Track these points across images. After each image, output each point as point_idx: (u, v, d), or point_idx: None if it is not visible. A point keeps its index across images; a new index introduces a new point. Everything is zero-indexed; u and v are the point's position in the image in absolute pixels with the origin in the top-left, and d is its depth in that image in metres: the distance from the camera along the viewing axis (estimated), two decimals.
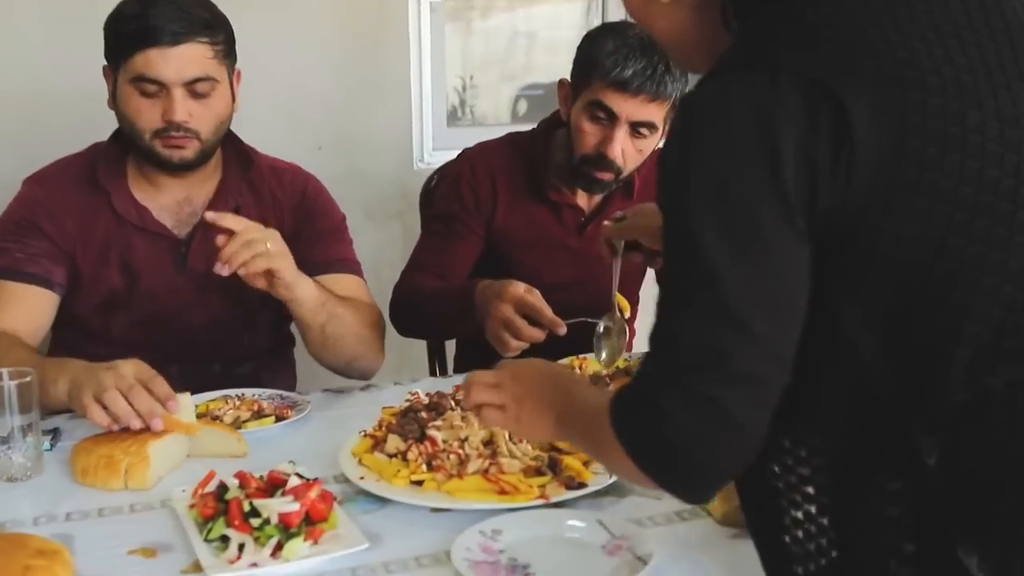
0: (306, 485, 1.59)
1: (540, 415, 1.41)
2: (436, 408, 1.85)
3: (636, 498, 1.71)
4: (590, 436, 1.32)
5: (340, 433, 1.97)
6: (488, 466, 1.69)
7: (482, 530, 1.57)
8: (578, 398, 1.41)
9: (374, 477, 1.72)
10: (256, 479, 1.64)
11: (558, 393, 1.41)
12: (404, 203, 3.48)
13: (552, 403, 1.40)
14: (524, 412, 1.42)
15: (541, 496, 1.64)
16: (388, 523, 1.64)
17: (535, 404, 1.42)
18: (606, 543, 1.54)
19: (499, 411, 1.44)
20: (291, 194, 2.34)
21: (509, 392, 1.44)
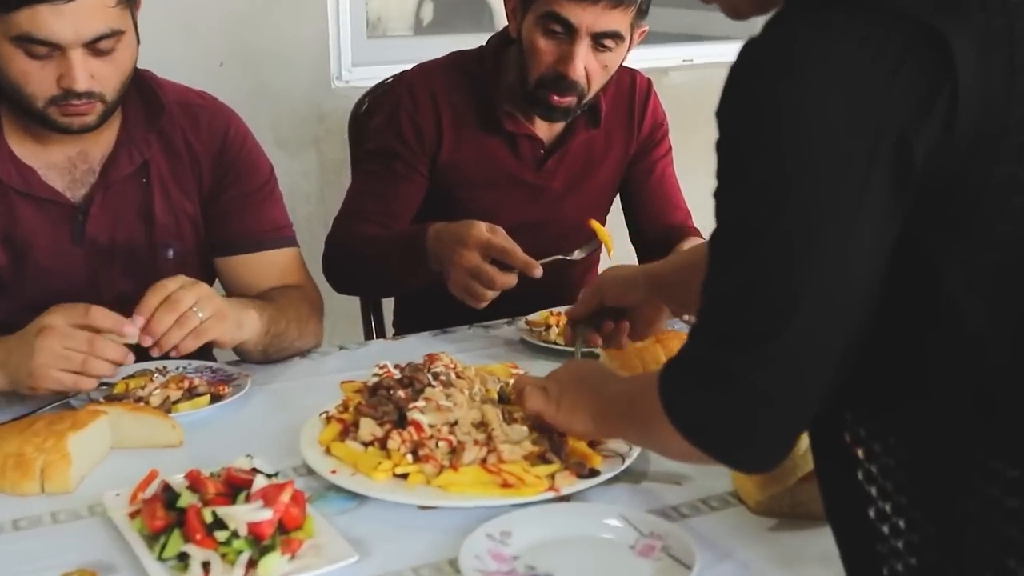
0: (276, 487, 1.40)
1: (579, 404, 1.48)
2: (411, 384, 1.66)
3: (651, 484, 1.57)
4: (634, 417, 1.31)
5: (290, 414, 1.78)
6: (486, 454, 1.51)
7: (489, 532, 1.40)
8: (615, 383, 1.45)
9: (348, 471, 1.53)
10: (212, 480, 1.43)
11: (596, 382, 1.49)
12: (321, 128, 3.23)
13: (591, 393, 1.47)
14: (564, 399, 1.50)
15: (551, 488, 1.48)
16: (371, 525, 1.46)
17: (574, 395, 1.50)
18: (635, 542, 1.39)
19: (541, 393, 1.52)
20: (209, 141, 2.05)
21: (554, 378, 1.55)
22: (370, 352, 2.12)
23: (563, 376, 1.54)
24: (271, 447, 1.68)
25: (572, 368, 1.56)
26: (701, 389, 1.16)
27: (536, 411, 1.51)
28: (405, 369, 1.74)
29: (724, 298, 1.12)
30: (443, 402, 1.59)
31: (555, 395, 1.50)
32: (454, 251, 1.96)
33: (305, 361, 2.07)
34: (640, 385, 1.32)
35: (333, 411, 1.68)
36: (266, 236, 2.09)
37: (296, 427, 1.73)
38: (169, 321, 1.71)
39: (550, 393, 1.51)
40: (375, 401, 1.64)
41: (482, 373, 1.79)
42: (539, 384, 1.53)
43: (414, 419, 1.54)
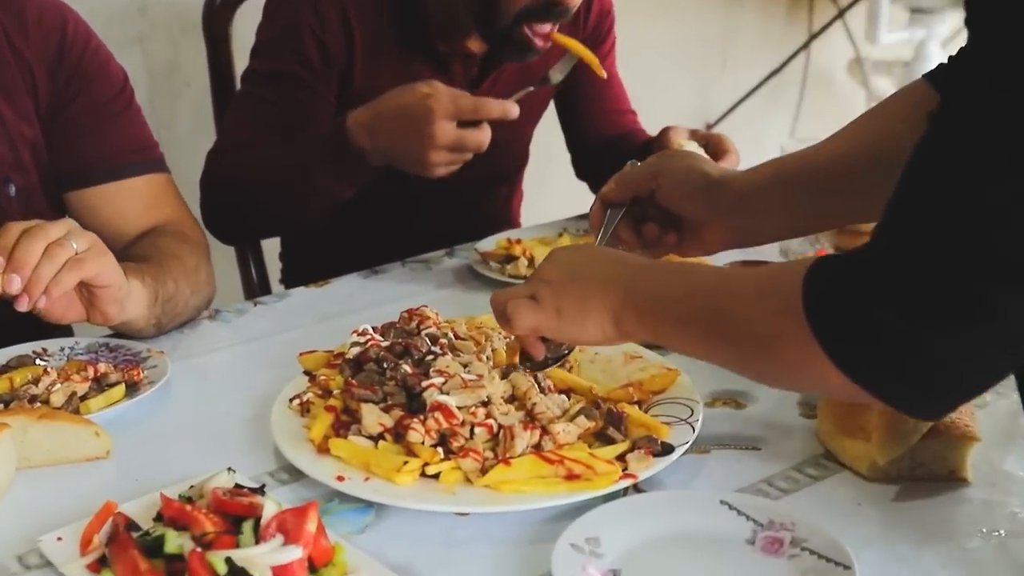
0: (295, 513, 1.13)
1: (591, 301, 1.22)
2: (408, 353, 1.40)
3: (723, 454, 1.38)
4: (734, 330, 1.11)
5: (235, 399, 1.53)
6: (540, 438, 1.27)
7: (573, 542, 1.17)
8: (656, 271, 1.24)
9: (359, 475, 1.27)
10: (200, 510, 1.14)
11: (623, 267, 1.24)
12: (145, 23, 2.83)
13: (616, 278, 1.22)
14: (567, 299, 1.23)
15: (627, 475, 1.25)
16: (404, 544, 1.23)
17: (583, 286, 1.23)
18: (752, 536, 1.20)
19: (530, 303, 1.25)
20: (42, 42, 1.71)
21: (541, 278, 1.26)
22: (294, 305, 1.84)
23: (553, 271, 1.25)
24: (230, 449, 1.40)
25: (563, 257, 1.28)
26: (923, 319, 0.95)
27: (529, 327, 1.25)
28: (389, 333, 1.47)
29: (989, 211, 0.92)
30: (465, 375, 1.34)
31: (550, 299, 1.24)
32: (419, 132, 1.69)
33: (218, 325, 1.77)
34: (744, 286, 1.12)
35: (309, 395, 1.40)
36: (128, 159, 1.77)
37: (253, 418, 1.46)
38: (37, 251, 1.40)
39: (541, 299, 1.24)
40: (368, 379, 1.38)
41: (473, 329, 1.54)
42: (522, 292, 1.26)
43: (439, 402, 1.29)
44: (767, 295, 1.07)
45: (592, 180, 2.25)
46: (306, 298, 1.87)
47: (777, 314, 1.04)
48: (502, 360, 1.44)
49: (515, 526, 1.24)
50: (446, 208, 2.10)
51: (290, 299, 1.87)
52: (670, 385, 1.45)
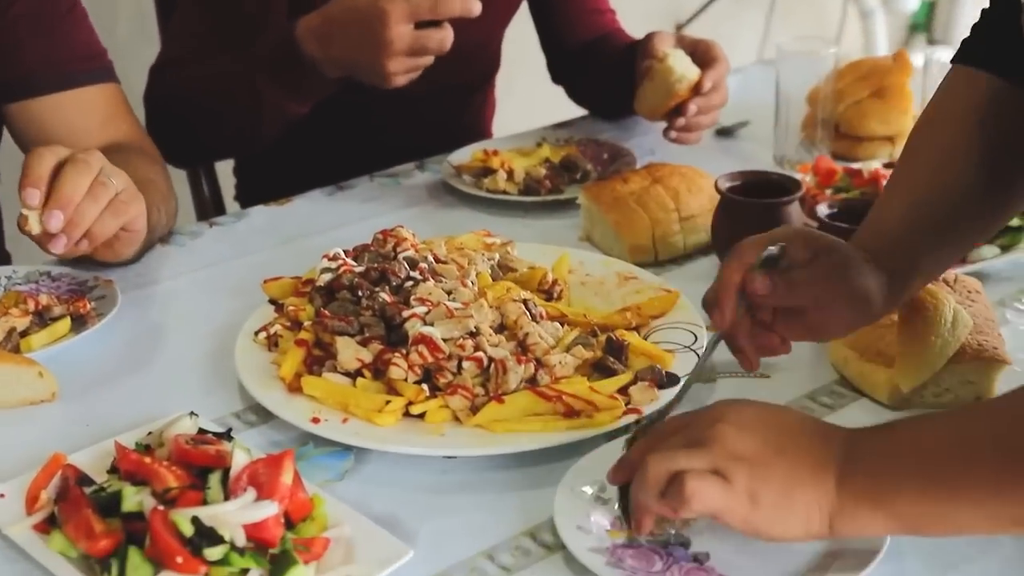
0: (269, 463, 1.04)
1: (804, 484, 0.95)
2: (385, 279, 1.30)
3: (732, 382, 1.29)
4: None
5: (194, 332, 1.43)
6: (535, 372, 1.18)
7: (577, 487, 1.08)
8: (900, 424, 1.00)
9: (335, 415, 1.18)
10: (160, 462, 1.05)
11: (831, 437, 0.98)
12: None
13: (823, 453, 0.96)
14: (765, 483, 0.95)
15: (631, 410, 1.17)
16: (389, 492, 1.13)
17: (789, 466, 0.96)
18: None
19: (718, 483, 0.95)
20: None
21: (729, 450, 0.96)
22: (254, 225, 1.73)
23: (747, 442, 0.97)
24: (190, 388, 1.31)
25: (754, 423, 0.99)
26: None
27: (711, 511, 0.96)
28: (362, 257, 1.37)
29: None
30: (449, 303, 1.24)
31: (743, 480, 0.95)
32: (373, 37, 1.58)
33: (171, 249, 1.65)
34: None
35: (277, 327, 1.30)
36: (77, 67, 1.64)
37: (215, 353, 1.36)
38: (83, 187, 1.32)
39: (734, 478, 0.95)
40: (342, 309, 1.28)
41: (454, 250, 1.44)
42: (702, 462, 0.96)
43: (423, 334, 1.19)
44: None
45: (570, 84, 2.14)
46: (266, 218, 1.76)
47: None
48: (487, 284, 1.35)
49: (510, 470, 1.15)
50: (414, 119, 1.98)
51: (248, 219, 1.75)
52: (670, 308, 1.37)
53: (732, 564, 1.02)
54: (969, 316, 1.23)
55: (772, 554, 1.02)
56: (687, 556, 1.03)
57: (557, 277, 1.41)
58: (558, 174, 1.78)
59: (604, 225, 1.58)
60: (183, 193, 2.11)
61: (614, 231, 1.56)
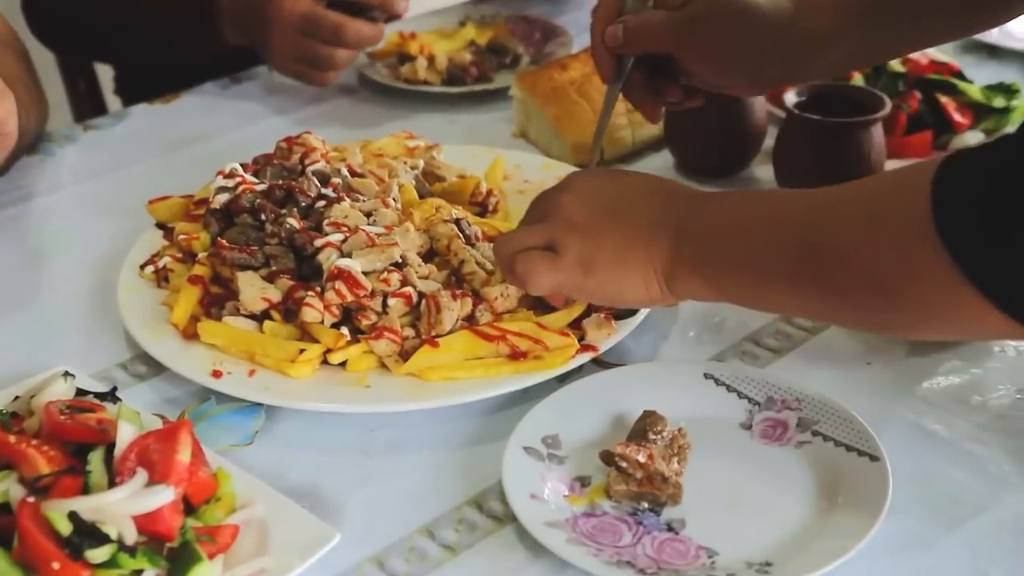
0: (162, 435, 0.89)
1: (634, 248, 0.95)
2: (291, 198, 1.14)
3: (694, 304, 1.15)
4: (819, 262, 0.86)
5: (62, 264, 1.29)
6: (472, 309, 1.05)
7: (528, 444, 0.96)
8: (732, 200, 0.96)
9: (241, 367, 1.04)
10: (29, 440, 0.91)
11: (670, 200, 0.97)
12: None
13: (662, 217, 0.96)
14: (597, 249, 0.95)
15: (585, 347, 1.04)
16: (311, 457, 1.00)
17: (618, 230, 0.96)
18: (747, 418, 1.01)
19: (548, 257, 0.96)
20: None
21: (561, 218, 0.97)
22: (136, 128, 1.57)
23: (577, 209, 0.97)
24: (65, 334, 1.16)
25: (588, 189, 1.00)
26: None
27: (549, 288, 0.98)
28: (263, 172, 1.20)
29: None
30: (370, 227, 1.09)
31: (574, 250, 0.96)
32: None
33: (39, 160, 1.49)
34: (850, 211, 0.85)
35: (166, 260, 1.15)
36: None
37: (94, 290, 1.21)
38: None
39: (564, 250, 0.96)
40: (242, 237, 1.12)
41: (371, 159, 1.29)
42: (537, 239, 0.97)
43: (340, 268, 1.04)
44: (885, 219, 0.81)
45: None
46: (150, 119, 1.58)
47: (903, 244, 0.79)
48: (412, 202, 1.20)
49: (449, 424, 1.02)
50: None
51: (130, 121, 1.58)
52: None
53: (711, 532, 0.90)
54: None
55: (757, 519, 0.90)
56: (659, 525, 0.91)
57: (492, 186, 1.27)
58: (485, 59, 1.62)
59: (541, 120, 1.43)
60: (54, 86, 1.92)
61: (553, 127, 1.41)
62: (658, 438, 0.94)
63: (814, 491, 0.92)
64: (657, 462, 0.91)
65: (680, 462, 0.94)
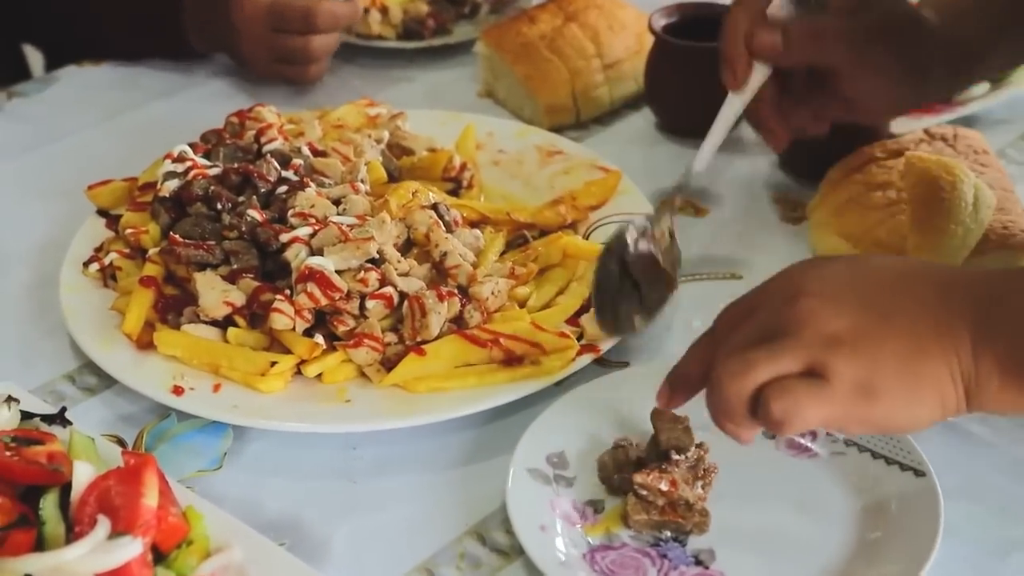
0: (124, 475, 0.81)
1: (927, 354, 0.74)
2: (248, 183, 1.05)
3: (694, 287, 1.10)
4: None
5: None
6: (461, 309, 0.96)
7: (532, 466, 0.88)
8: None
9: (205, 382, 0.95)
10: None
11: (951, 286, 0.77)
12: None
13: (946, 308, 0.76)
14: (876, 365, 0.74)
15: (587, 348, 0.97)
16: (288, 484, 0.92)
17: (903, 335, 0.75)
18: None
19: (815, 387, 0.74)
20: None
21: (818, 331, 0.75)
22: (66, 95, 1.47)
23: (838, 314, 0.75)
24: (4, 344, 1.05)
25: (845, 280, 0.79)
26: None
27: (817, 425, 0.77)
28: (215, 152, 1.11)
29: None
30: (339, 218, 1.00)
31: (847, 371, 0.74)
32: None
33: None
34: None
35: (113, 256, 1.05)
36: None
37: (31, 289, 1.12)
38: None
39: (832, 374, 0.74)
40: (197, 229, 1.03)
41: (331, 131, 1.19)
42: (786, 362, 0.75)
43: (311, 267, 0.95)
44: None
45: None
46: (81, 84, 1.47)
47: None
48: (382, 184, 1.10)
49: (440, 439, 0.95)
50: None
51: (59, 87, 1.46)
52: (612, 194, 1.15)
53: (745, 567, 0.83)
54: (991, 192, 1.04)
55: (794, 549, 0.83)
56: (686, 557, 0.84)
57: (465, 159, 1.18)
58: (442, 9, 1.52)
59: (511, 80, 1.34)
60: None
61: (525, 88, 1.32)
62: (681, 459, 0.86)
63: (855, 514, 0.86)
64: (681, 488, 0.84)
65: (705, 487, 0.86)
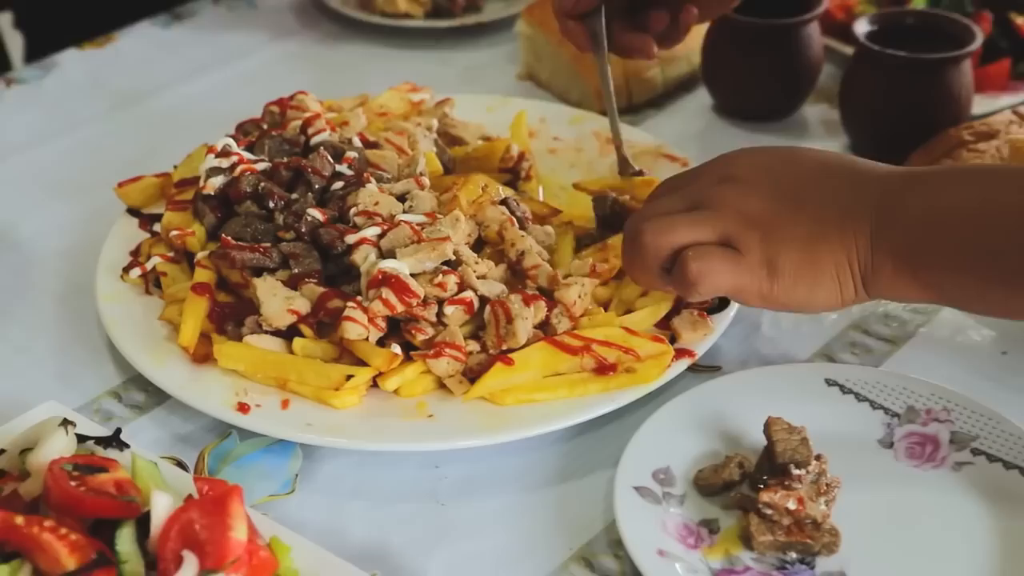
0: (208, 505, 0.76)
1: (829, 243, 0.83)
2: (301, 179, 1.00)
3: None
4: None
5: (10, 267, 1.10)
6: (547, 314, 0.92)
7: (638, 484, 0.83)
8: (943, 179, 0.84)
9: (271, 394, 0.89)
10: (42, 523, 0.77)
11: (863, 182, 0.85)
12: None
13: (854, 199, 0.84)
14: (784, 247, 0.83)
15: (682, 352, 0.93)
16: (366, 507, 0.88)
17: (809, 222, 0.84)
18: (885, 434, 0.89)
19: (728, 257, 0.84)
20: None
21: (735, 208, 0.85)
22: (68, 81, 1.43)
23: (756, 196, 0.85)
24: (36, 358, 1.01)
25: (764, 168, 0.88)
26: None
27: (725, 292, 0.86)
28: (260, 145, 1.05)
29: None
30: (408, 216, 0.95)
31: (757, 248, 0.84)
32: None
33: None
34: None
35: (156, 260, 0.99)
36: None
37: (63, 295, 1.07)
38: None
39: (746, 247, 0.84)
40: (248, 229, 0.98)
41: (375, 120, 1.15)
42: (704, 231, 0.85)
43: (386, 272, 0.90)
44: None
45: None
46: (84, 68, 1.42)
47: None
48: (436, 170, 1.06)
49: (530, 456, 0.90)
50: None
51: (60, 72, 1.41)
52: None
53: None
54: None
55: (932, 570, 0.80)
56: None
57: (523, 148, 1.13)
58: None
59: (556, 61, 1.30)
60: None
61: (572, 69, 1.27)
62: (802, 473, 0.82)
63: (993, 531, 0.82)
64: (808, 506, 0.80)
65: (828, 503, 0.82)
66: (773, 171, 0.87)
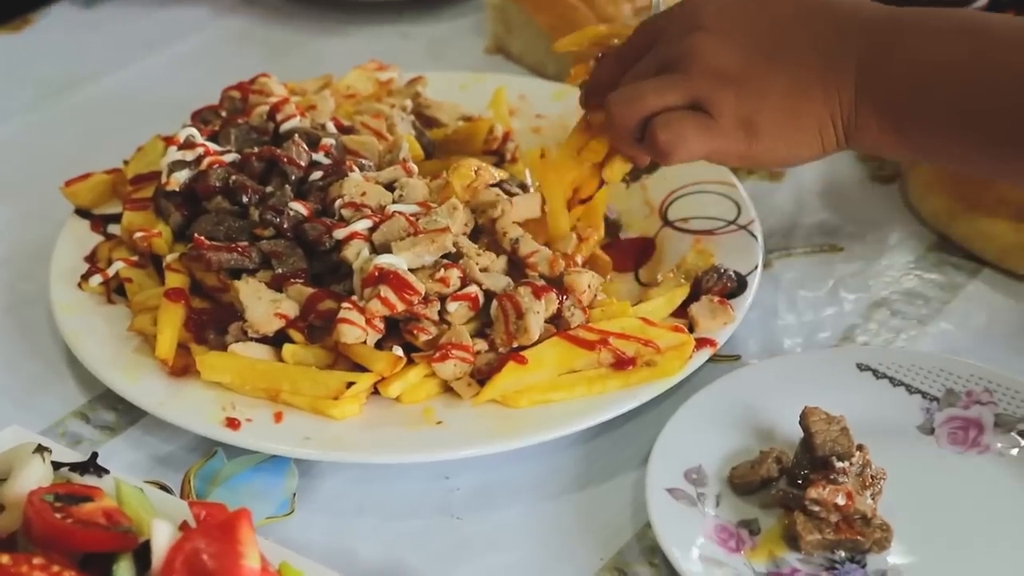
0: (214, 532, 0.75)
1: (808, 95, 0.85)
2: (275, 170, 0.99)
3: (790, 263, 1.07)
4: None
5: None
6: (559, 305, 0.91)
7: (671, 486, 0.84)
8: (926, 25, 0.85)
9: (262, 407, 0.88)
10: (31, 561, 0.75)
11: (847, 26, 0.86)
12: None
13: (839, 50, 0.85)
14: (763, 105, 0.85)
15: (703, 341, 0.92)
16: (372, 526, 0.87)
17: (787, 76, 0.85)
18: (925, 419, 0.91)
19: (701, 121, 0.86)
20: None
21: (707, 64, 0.86)
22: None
23: (729, 48, 0.86)
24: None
25: (736, 14, 0.88)
26: None
27: (701, 157, 0.89)
28: (225, 135, 1.03)
29: None
30: (400, 207, 0.94)
31: (731, 108, 0.86)
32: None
33: None
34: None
35: (119, 266, 0.98)
36: None
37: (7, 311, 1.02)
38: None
39: (718, 110, 0.86)
40: (220, 226, 0.96)
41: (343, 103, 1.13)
42: (676, 95, 0.86)
43: (383, 268, 0.89)
44: None
45: None
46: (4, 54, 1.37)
47: None
48: (417, 154, 1.05)
49: (547, 460, 0.90)
50: None
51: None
52: None
53: None
54: None
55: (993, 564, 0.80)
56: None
57: (506, 128, 1.12)
58: None
59: (529, 31, 1.30)
60: None
61: (550, 40, 1.26)
62: (845, 466, 0.82)
63: None
64: (857, 501, 0.80)
65: (875, 496, 0.83)
66: (746, 16, 0.87)
